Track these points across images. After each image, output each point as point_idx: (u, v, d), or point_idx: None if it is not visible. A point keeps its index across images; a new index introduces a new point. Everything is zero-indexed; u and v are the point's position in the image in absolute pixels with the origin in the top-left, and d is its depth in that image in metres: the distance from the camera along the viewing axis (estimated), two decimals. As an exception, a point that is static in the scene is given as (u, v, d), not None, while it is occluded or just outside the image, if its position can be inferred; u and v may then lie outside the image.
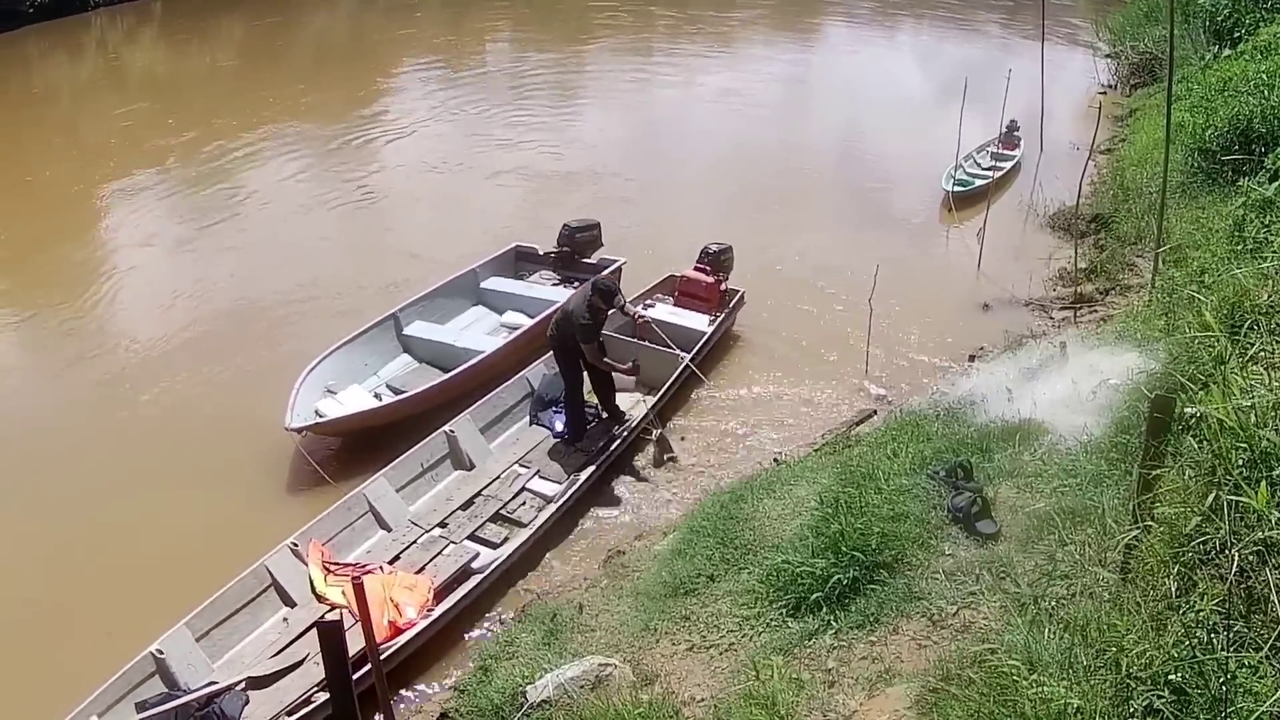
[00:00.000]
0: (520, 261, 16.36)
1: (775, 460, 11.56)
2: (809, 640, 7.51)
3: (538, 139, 23.97)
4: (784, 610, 7.99)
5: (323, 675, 8.65)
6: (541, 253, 16.24)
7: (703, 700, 7.31)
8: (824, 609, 7.74)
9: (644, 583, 9.31)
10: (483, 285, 15.52)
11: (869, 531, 8.03)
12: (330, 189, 20.83)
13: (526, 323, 14.37)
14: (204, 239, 18.42)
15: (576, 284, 15.31)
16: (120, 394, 13.64)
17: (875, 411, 12.61)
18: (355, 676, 6.42)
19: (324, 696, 8.57)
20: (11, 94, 27.32)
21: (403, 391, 12.88)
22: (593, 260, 15.93)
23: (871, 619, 7.47)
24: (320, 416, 12.15)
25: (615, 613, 8.96)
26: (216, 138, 23.35)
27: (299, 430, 11.69)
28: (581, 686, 7.52)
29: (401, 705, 8.90)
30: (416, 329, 14.16)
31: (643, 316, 12.56)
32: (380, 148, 23.79)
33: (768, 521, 9.40)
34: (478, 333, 14.51)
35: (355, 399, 12.72)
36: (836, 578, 7.81)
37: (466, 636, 9.82)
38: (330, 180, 21.30)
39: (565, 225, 15.99)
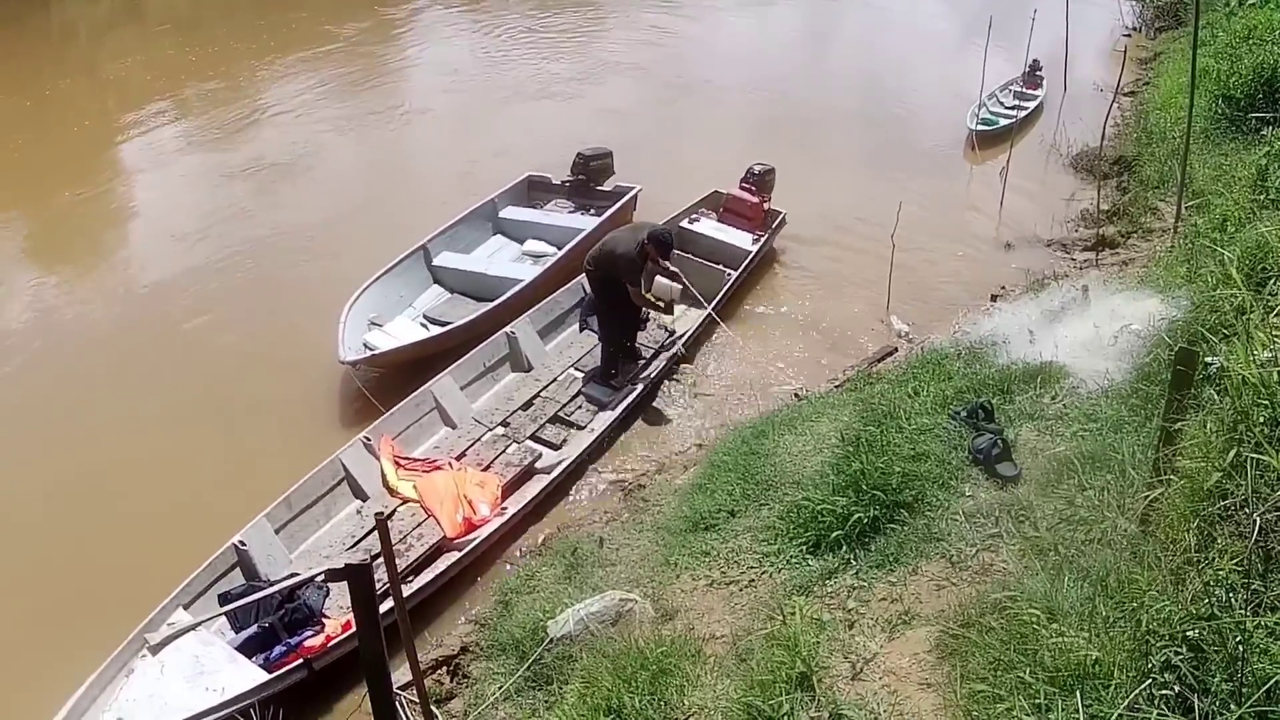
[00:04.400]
0: (533, 191, 16.42)
1: (796, 396, 11.63)
2: (829, 579, 7.56)
3: (561, 65, 23.83)
4: (804, 547, 8.03)
5: (399, 568, 9.19)
6: (557, 181, 16.31)
7: (723, 637, 7.38)
8: (844, 547, 7.78)
9: (664, 517, 9.40)
10: (501, 215, 15.58)
11: (890, 471, 8.06)
12: (353, 116, 20.73)
13: (549, 250, 14.61)
14: (229, 168, 18.41)
15: (593, 211, 15.67)
16: (156, 321, 13.84)
17: (896, 348, 12.65)
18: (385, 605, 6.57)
19: (405, 592, 8.93)
20: (29, 32, 26.97)
21: (440, 321, 13.10)
22: (607, 187, 16.05)
23: (891, 559, 7.53)
24: (370, 349, 12.25)
25: (636, 547, 9.07)
26: (239, 70, 23.20)
27: (354, 364, 11.84)
28: (603, 622, 7.63)
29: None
30: (445, 259, 14.24)
31: (676, 273, 12.50)
32: (403, 74, 23.78)
33: (788, 458, 9.44)
34: (504, 261, 14.65)
35: (405, 330, 12.90)
36: (857, 516, 7.83)
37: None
38: (352, 108, 21.19)
39: (579, 153, 16.12)
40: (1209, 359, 5.80)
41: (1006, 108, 20.23)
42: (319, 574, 8.76)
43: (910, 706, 5.93)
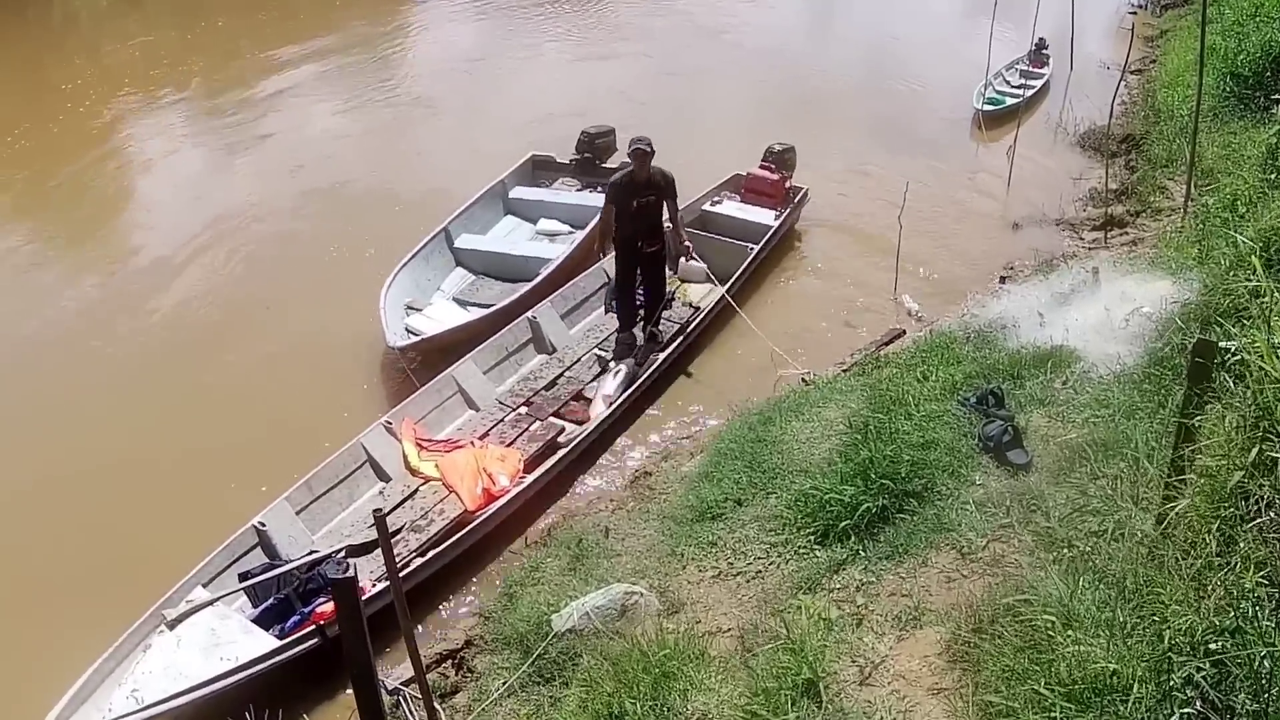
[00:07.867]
0: (538, 170, 16.39)
1: (803, 380, 11.45)
2: (837, 571, 7.44)
3: (566, 46, 23.87)
4: (812, 538, 7.90)
5: (419, 542, 9.52)
6: (563, 160, 16.28)
7: (729, 630, 7.26)
8: (852, 538, 7.66)
9: (670, 506, 9.24)
10: (511, 195, 15.58)
11: (898, 459, 7.94)
12: (359, 99, 20.69)
13: (563, 228, 14.80)
14: (234, 153, 18.39)
15: (600, 188, 15.36)
16: (172, 304, 13.82)
17: (904, 331, 12.48)
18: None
19: (419, 561, 9.19)
20: (30, 21, 26.77)
21: (475, 303, 13.18)
22: (612, 165, 15.92)
23: (900, 550, 7.41)
24: (414, 333, 12.25)
25: (641, 537, 8.89)
26: (241, 56, 23.17)
27: (403, 349, 11.77)
28: (607, 616, 7.49)
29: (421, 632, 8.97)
30: (465, 241, 14.25)
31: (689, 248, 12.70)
32: (409, 55, 23.78)
33: (796, 445, 9.28)
34: (523, 241, 14.73)
35: (445, 313, 12.90)
36: (865, 506, 7.72)
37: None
38: (358, 90, 21.12)
39: (584, 132, 16.15)
40: (1226, 344, 5.60)
41: (1013, 87, 20.11)
42: (339, 550, 8.82)
43: (919, 716, 5.80)
